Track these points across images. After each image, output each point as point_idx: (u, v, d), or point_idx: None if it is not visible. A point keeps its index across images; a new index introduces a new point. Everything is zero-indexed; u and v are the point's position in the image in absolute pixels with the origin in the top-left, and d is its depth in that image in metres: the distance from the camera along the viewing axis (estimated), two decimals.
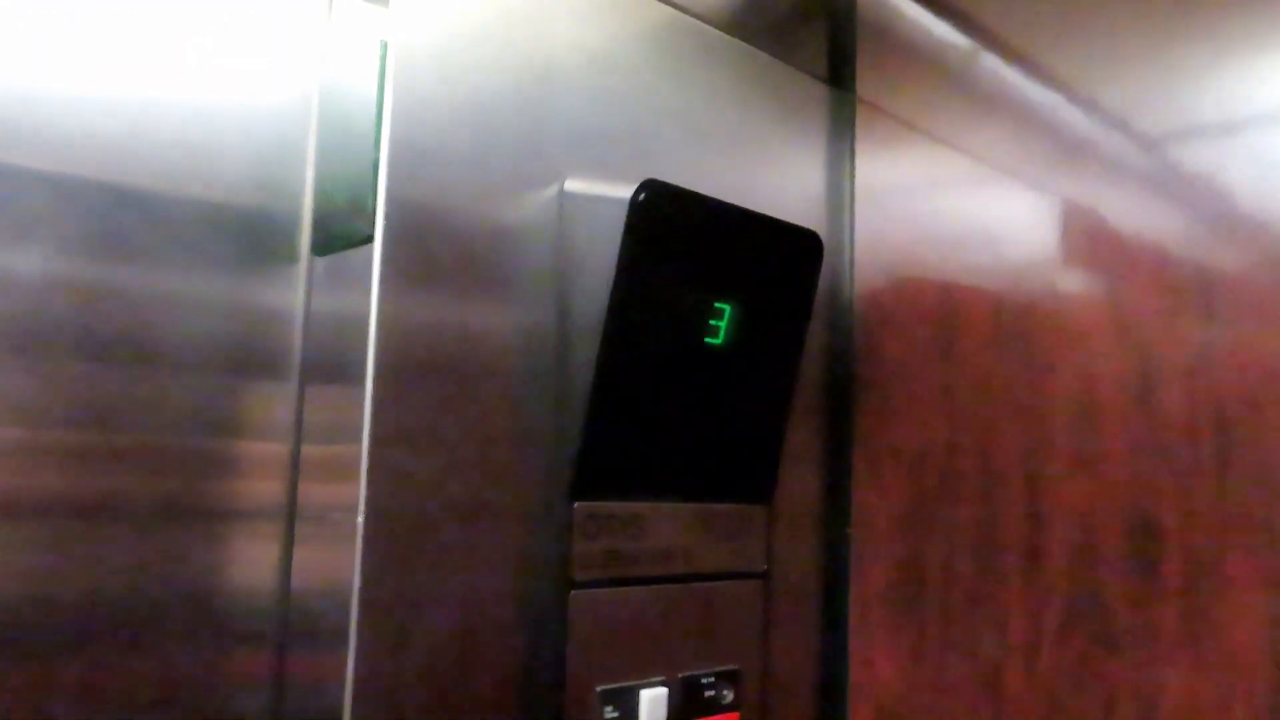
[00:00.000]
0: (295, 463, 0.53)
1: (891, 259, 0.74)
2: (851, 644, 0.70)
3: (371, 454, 0.47)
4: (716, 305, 0.58)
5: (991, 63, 0.74)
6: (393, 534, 0.48)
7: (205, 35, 0.52)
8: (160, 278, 0.49)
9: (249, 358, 0.52)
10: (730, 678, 0.61)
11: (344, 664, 0.46)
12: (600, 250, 0.54)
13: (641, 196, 0.53)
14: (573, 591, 0.53)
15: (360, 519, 0.46)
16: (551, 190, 0.55)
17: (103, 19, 0.49)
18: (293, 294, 0.54)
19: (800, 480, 0.69)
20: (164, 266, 0.50)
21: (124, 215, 0.49)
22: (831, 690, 0.70)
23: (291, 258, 0.54)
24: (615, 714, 0.54)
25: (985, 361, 0.67)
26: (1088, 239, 0.62)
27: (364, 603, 0.46)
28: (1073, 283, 0.63)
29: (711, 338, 0.58)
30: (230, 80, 0.52)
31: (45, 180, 0.47)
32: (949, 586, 0.67)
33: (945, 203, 0.73)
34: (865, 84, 0.76)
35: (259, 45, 0.54)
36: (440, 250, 0.51)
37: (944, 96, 0.75)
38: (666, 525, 0.58)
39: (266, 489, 0.52)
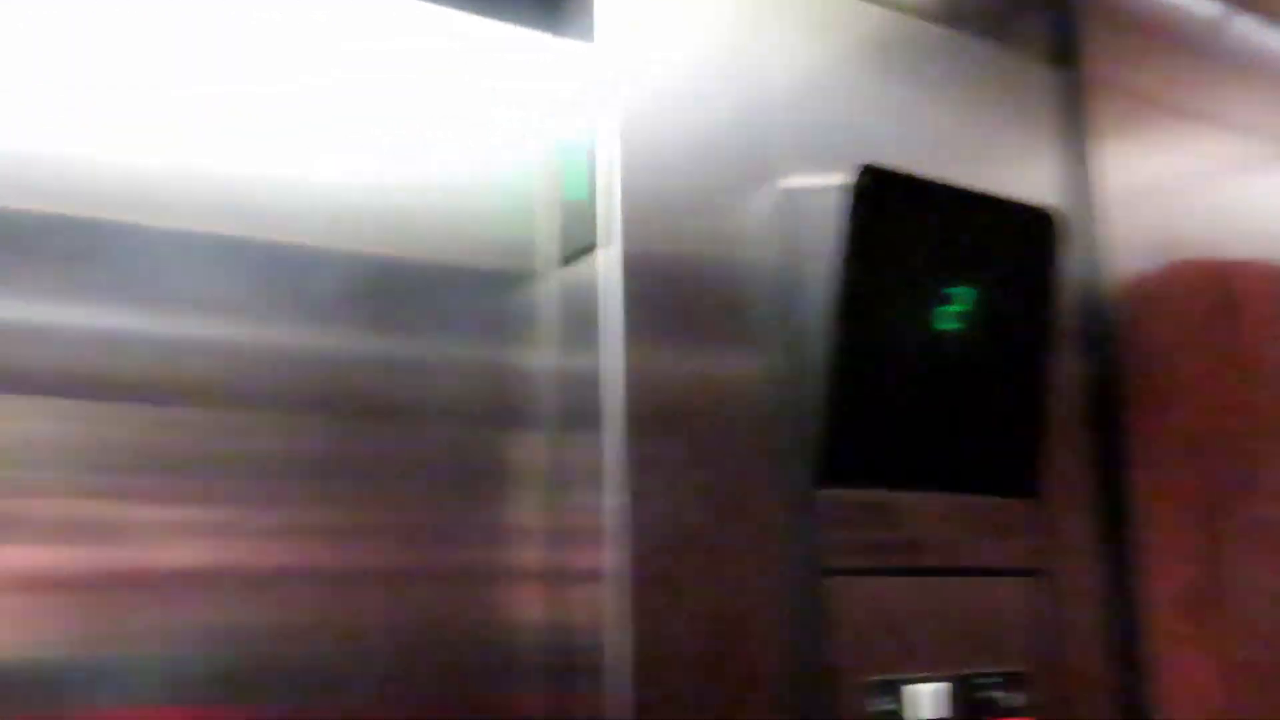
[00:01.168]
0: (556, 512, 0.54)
1: (1147, 239, 0.69)
2: (1150, 650, 0.64)
3: (629, 444, 0.49)
4: (950, 291, 0.57)
5: (1244, 25, 0.70)
6: (652, 523, 0.49)
7: (445, 109, 0.56)
8: (421, 342, 0.53)
9: (503, 413, 0.54)
10: (1016, 680, 0.57)
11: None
12: (825, 242, 0.55)
13: (862, 181, 0.54)
14: (826, 579, 0.52)
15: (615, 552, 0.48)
16: (772, 189, 0.57)
17: (360, 109, 0.54)
18: (540, 348, 0.56)
19: (1072, 474, 0.65)
20: (423, 331, 0.53)
21: (394, 285, 0.52)
22: (1133, 700, 0.64)
23: (537, 311, 0.56)
24: (890, 706, 0.52)
25: (1275, 338, 0.62)
26: None
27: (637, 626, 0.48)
28: None
29: (947, 323, 0.57)
30: (472, 144, 0.56)
31: (329, 257, 0.51)
32: (1254, 587, 0.60)
33: (1203, 177, 0.69)
34: (1096, 63, 0.72)
35: (499, 109, 0.58)
36: (672, 266, 0.53)
37: (1188, 68, 0.71)
38: (920, 515, 0.56)
39: (528, 541, 0.54)
